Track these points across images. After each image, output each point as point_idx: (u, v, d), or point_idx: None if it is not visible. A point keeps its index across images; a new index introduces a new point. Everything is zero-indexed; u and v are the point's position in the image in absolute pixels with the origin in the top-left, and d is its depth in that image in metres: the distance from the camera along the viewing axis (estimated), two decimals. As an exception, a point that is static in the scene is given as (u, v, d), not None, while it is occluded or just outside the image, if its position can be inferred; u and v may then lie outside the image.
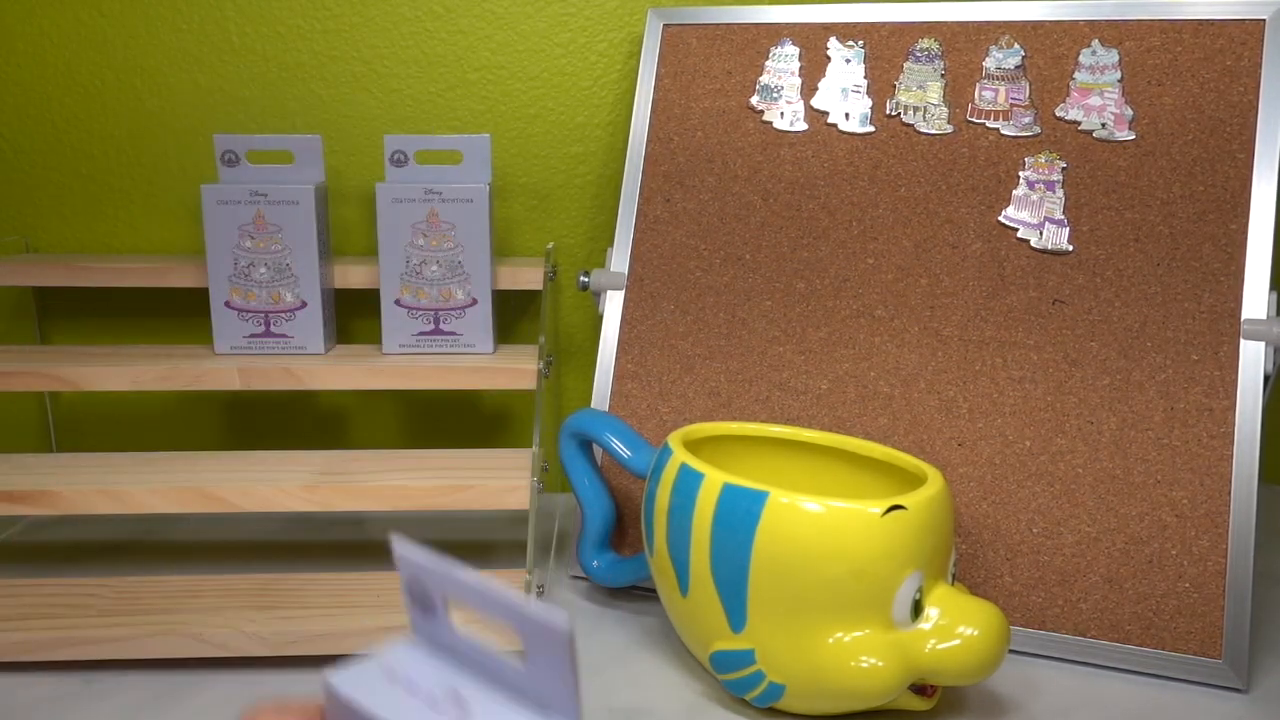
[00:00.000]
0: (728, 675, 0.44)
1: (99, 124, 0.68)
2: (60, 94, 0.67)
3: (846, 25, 0.59)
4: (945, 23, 0.57)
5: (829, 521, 0.41)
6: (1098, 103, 0.54)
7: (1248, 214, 0.50)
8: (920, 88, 0.57)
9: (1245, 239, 0.50)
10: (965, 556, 0.51)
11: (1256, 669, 0.48)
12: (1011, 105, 0.55)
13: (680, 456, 0.46)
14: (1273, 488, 0.72)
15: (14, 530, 0.65)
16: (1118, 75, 0.53)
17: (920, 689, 0.43)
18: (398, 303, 0.60)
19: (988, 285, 0.54)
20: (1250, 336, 0.49)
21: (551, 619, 0.18)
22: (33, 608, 0.50)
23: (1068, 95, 0.54)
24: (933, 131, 0.56)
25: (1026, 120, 0.55)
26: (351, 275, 0.62)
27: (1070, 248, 0.53)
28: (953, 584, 0.44)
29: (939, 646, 0.41)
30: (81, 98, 0.67)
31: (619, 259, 0.60)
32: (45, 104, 0.67)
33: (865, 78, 0.58)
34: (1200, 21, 0.53)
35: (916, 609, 0.42)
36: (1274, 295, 0.49)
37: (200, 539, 0.64)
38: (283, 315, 0.60)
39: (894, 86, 0.58)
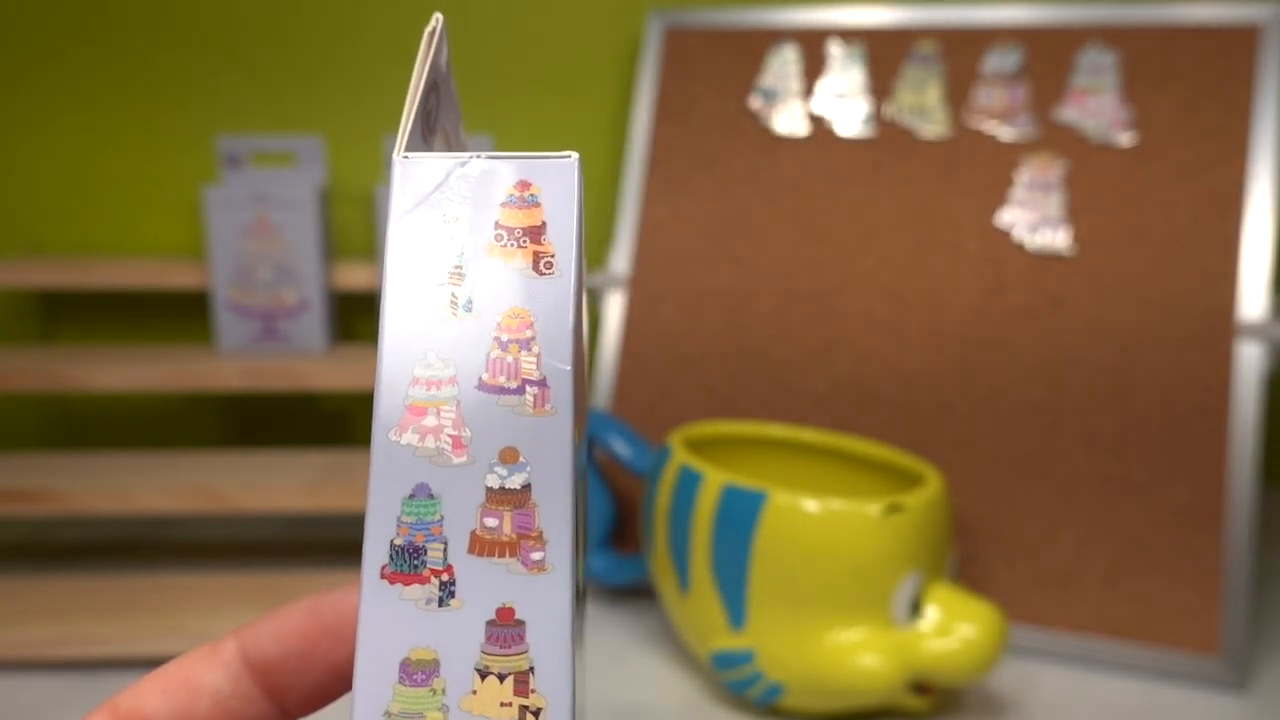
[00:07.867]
0: (727, 674, 0.44)
1: (100, 125, 0.68)
2: (61, 95, 0.67)
3: (846, 28, 0.60)
4: (944, 26, 0.58)
5: (828, 521, 0.41)
6: (1095, 105, 0.54)
7: (1245, 216, 0.50)
8: (919, 90, 0.57)
9: (1242, 240, 0.50)
10: (964, 556, 0.51)
11: (1254, 669, 0.48)
12: (1010, 107, 0.55)
13: (680, 456, 0.46)
14: (1271, 488, 0.72)
15: (16, 530, 0.65)
16: (1115, 78, 0.54)
17: (919, 688, 0.43)
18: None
19: (987, 286, 0.54)
20: (1248, 337, 0.49)
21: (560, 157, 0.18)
22: (33, 608, 0.50)
23: (1066, 97, 0.55)
24: (932, 134, 0.57)
25: (1025, 122, 0.55)
26: (353, 276, 0.63)
27: (1068, 249, 0.53)
28: (951, 583, 0.44)
29: (937, 646, 0.41)
30: (83, 99, 0.67)
31: (620, 260, 0.61)
32: (46, 105, 0.67)
33: (865, 80, 0.59)
34: (1197, 25, 0.53)
35: (915, 608, 0.42)
36: (1271, 296, 0.50)
37: (201, 539, 0.64)
38: (284, 316, 0.60)
39: (893, 89, 0.58)
